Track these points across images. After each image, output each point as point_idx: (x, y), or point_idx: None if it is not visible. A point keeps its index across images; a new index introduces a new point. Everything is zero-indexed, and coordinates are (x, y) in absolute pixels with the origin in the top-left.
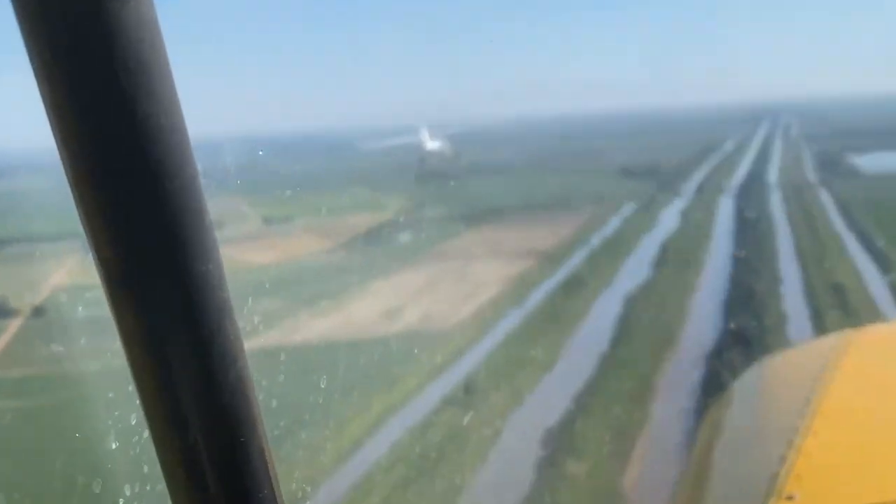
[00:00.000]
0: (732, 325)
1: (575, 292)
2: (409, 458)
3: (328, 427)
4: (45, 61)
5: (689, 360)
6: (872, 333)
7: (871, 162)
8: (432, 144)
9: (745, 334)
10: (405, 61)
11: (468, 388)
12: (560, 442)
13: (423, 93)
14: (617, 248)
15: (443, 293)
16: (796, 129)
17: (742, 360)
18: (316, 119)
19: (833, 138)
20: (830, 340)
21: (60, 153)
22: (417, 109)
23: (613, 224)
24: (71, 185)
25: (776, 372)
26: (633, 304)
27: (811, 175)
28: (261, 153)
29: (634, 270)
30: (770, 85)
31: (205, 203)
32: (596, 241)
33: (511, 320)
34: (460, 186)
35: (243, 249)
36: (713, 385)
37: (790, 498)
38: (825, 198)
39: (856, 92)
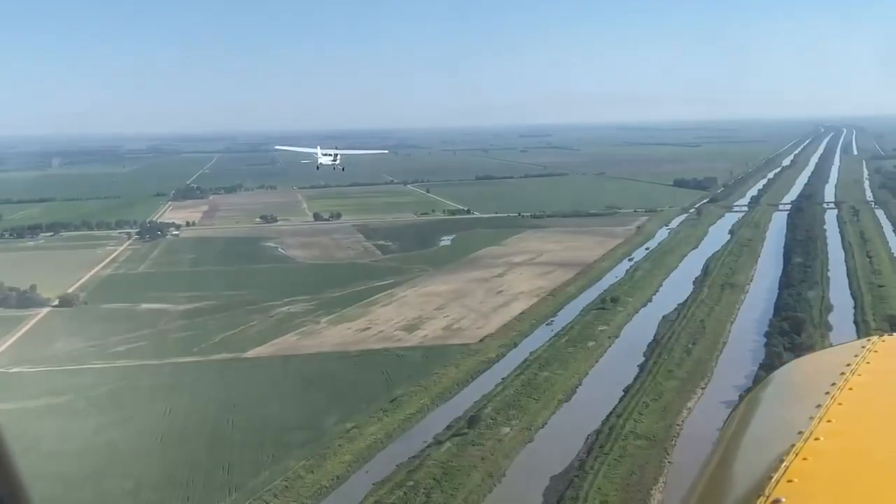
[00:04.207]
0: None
1: (608, 311)
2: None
3: (308, 456)
4: None
5: (719, 400)
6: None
7: None
8: (324, 159)
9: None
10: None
11: (472, 420)
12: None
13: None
14: (659, 264)
15: (470, 304)
16: (857, 147)
17: None
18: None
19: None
20: (855, 346)
21: None
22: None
23: (660, 236)
24: None
25: (796, 376)
26: (666, 329)
27: (869, 194)
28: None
29: (674, 290)
30: (832, 102)
31: None
32: (639, 253)
33: (536, 339)
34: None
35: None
36: None
37: (776, 501)
38: (882, 218)
39: None
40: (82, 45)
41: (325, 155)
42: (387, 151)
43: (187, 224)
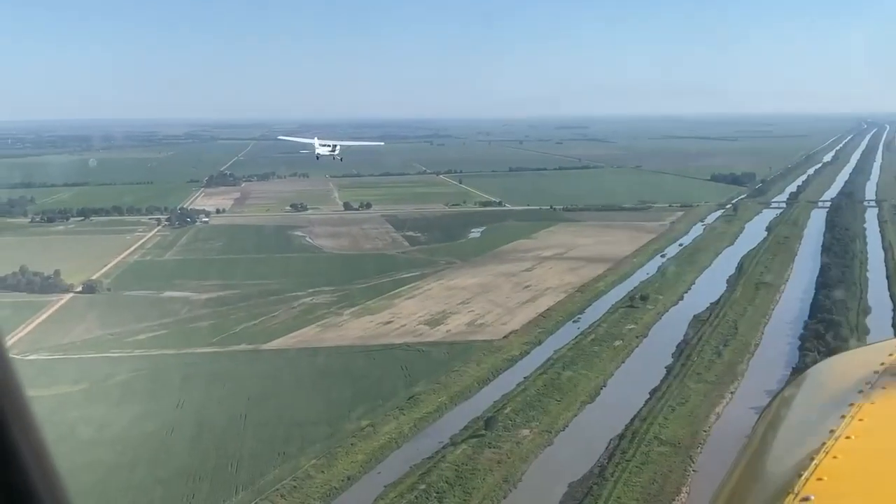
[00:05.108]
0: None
1: (637, 309)
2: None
3: (320, 454)
4: None
5: (748, 405)
6: None
7: None
8: (322, 149)
9: None
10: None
11: (490, 421)
12: None
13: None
14: (692, 261)
15: (496, 299)
16: None
17: None
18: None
19: None
20: (889, 345)
21: None
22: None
23: (694, 232)
24: None
25: (829, 374)
26: (696, 329)
27: None
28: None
29: (706, 288)
30: (874, 97)
31: None
32: (672, 250)
33: (562, 337)
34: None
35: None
36: None
37: (805, 499)
38: None
39: None
40: (123, 30)
41: (324, 146)
42: (382, 143)
43: (217, 211)
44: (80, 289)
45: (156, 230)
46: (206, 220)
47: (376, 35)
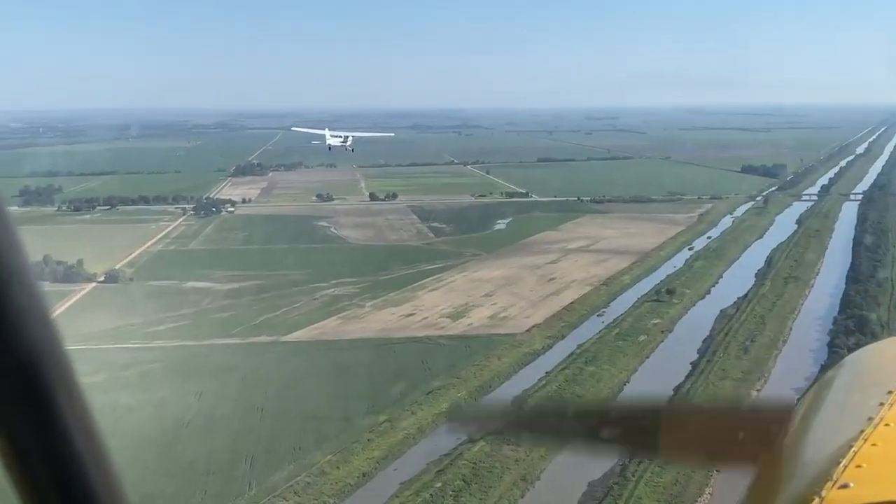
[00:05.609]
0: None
1: (663, 303)
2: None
3: (336, 450)
4: None
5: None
6: None
7: None
8: (333, 140)
9: None
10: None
11: None
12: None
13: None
14: (721, 254)
15: (520, 292)
16: None
17: None
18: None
19: None
20: None
21: None
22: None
23: (723, 224)
24: None
25: (865, 362)
26: (723, 325)
27: None
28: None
29: (734, 282)
30: None
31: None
32: (700, 242)
33: (586, 331)
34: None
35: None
36: None
37: (845, 486)
38: None
39: None
40: (156, 19)
41: (335, 137)
42: (393, 134)
43: (243, 201)
44: (102, 278)
45: (181, 220)
46: (232, 209)
47: (406, 25)
